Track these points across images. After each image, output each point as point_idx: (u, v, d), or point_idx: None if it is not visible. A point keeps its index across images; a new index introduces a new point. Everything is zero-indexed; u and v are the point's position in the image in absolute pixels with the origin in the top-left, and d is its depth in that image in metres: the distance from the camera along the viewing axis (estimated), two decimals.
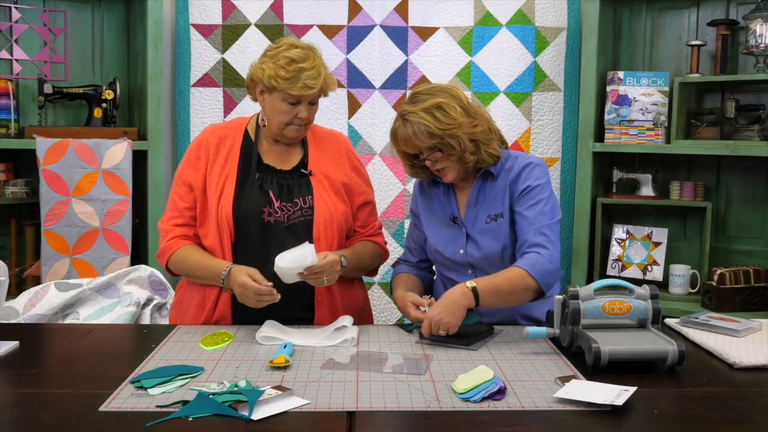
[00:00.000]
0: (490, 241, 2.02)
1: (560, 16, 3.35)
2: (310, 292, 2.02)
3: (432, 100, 1.95)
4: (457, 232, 2.07)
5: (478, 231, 2.04)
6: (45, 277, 2.99)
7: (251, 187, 2.03)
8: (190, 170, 2.08)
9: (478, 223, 2.05)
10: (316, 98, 2.03)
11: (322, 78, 1.97)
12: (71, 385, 1.52)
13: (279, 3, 3.31)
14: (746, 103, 3.13)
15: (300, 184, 2.06)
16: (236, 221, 2.00)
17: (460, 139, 1.94)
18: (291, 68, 1.94)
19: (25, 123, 3.24)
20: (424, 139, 1.94)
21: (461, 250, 2.05)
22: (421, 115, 1.93)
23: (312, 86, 1.95)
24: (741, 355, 1.70)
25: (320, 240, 2.01)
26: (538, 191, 2.00)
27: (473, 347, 1.79)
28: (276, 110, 2.00)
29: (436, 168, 2.00)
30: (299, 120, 2.00)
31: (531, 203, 1.99)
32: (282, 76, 1.94)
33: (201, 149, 2.09)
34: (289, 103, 1.98)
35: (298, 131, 2.04)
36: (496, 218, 2.03)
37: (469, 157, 1.98)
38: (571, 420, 1.37)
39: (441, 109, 1.94)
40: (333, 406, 1.41)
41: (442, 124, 1.93)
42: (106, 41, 3.42)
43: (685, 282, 3.20)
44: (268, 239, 2.00)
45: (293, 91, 1.94)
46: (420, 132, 1.94)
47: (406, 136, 1.96)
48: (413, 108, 1.96)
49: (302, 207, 2.03)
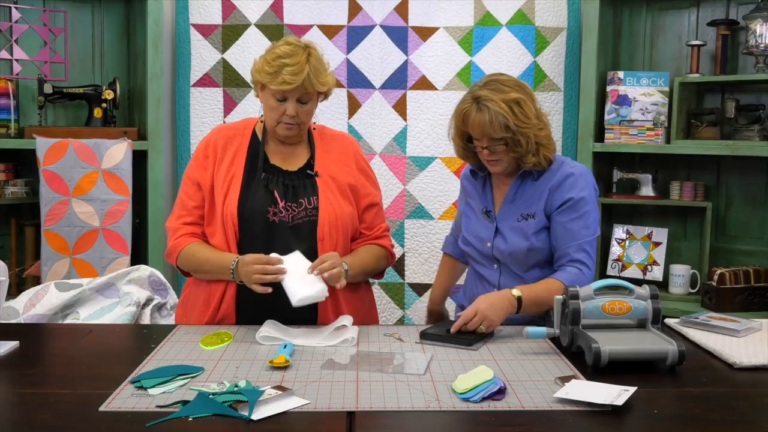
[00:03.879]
0: (518, 238, 2.04)
1: (560, 16, 3.35)
2: None
3: (513, 93, 1.97)
4: (489, 225, 2.10)
5: (508, 227, 2.06)
6: (45, 277, 2.99)
7: (257, 187, 2.03)
8: (199, 169, 2.09)
9: (509, 220, 2.07)
10: (306, 97, 2.01)
11: (304, 75, 1.95)
12: (71, 385, 1.52)
13: (279, 3, 3.31)
14: (746, 103, 3.13)
15: (306, 185, 2.06)
16: (241, 220, 2.00)
17: (529, 138, 1.97)
18: (275, 63, 1.95)
19: (25, 123, 3.24)
20: (498, 130, 1.95)
21: (488, 243, 2.08)
22: (501, 105, 1.94)
23: (290, 81, 1.94)
24: (741, 355, 1.70)
25: (324, 240, 2.01)
26: (583, 204, 2.01)
27: (473, 347, 1.79)
28: (268, 107, 2.03)
29: (491, 158, 2.02)
30: (288, 118, 2.00)
31: (575, 216, 2.00)
32: (266, 70, 1.97)
33: (209, 149, 2.10)
34: (277, 99, 1.99)
35: (289, 130, 2.03)
36: (527, 218, 2.04)
37: (530, 158, 2.00)
38: (571, 420, 1.37)
39: (519, 105, 1.96)
40: (333, 406, 1.41)
41: (519, 120, 1.95)
42: (106, 41, 3.42)
43: (685, 282, 3.20)
44: (273, 239, 2.00)
45: (273, 85, 1.96)
46: (497, 122, 1.94)
47: (481, 122, 1.96)
48: (493, 95, 1.96)
49: (307, 207, 2.03)
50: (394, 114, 3.33)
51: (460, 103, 2.05)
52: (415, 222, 3.33)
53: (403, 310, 3.34)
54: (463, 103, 2.03)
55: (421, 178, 3.33)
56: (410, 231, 3.33)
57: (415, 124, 3.33)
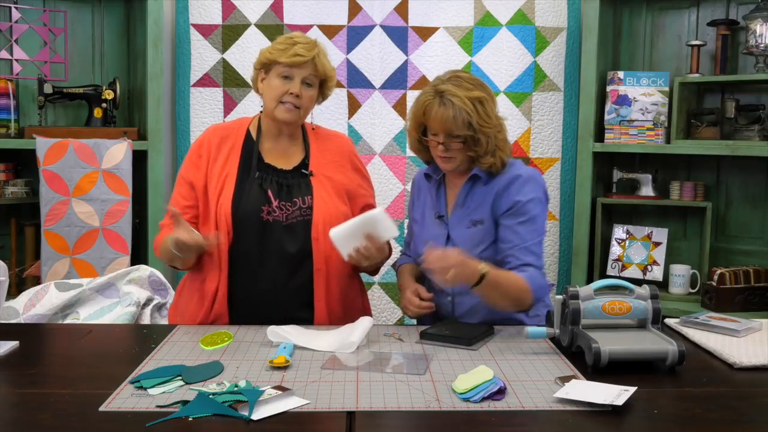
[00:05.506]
0: (470, 245, 1.99)
1: (560, 16, 3.35)
2: (309, 292, 2.03)
3: (476, 91, 1.96)
4: (441, 230, 2.07)
5: (459, 233, 2.03)
6: (45, 277, 2.99)
7: (251, 186, 2.03)
8: (192, 169, 2.09)
9: (460, 227, 2.04)
10: (312, 79, 2.03)
11: (315, 52, 2.02)
12: (71, 385, 1.52)
13: (279, 3, 3.31)
14: (746, 103, 3.13)
15: (300, 184, 2.06)
16: (235, 219, 2.00)
17: (489, 138, 1.96)
18: (286, 42, 2.03)
19: (25, 123, 3.24)
20: (460, 126, 1.93)
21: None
22: (466, 102, 1.93)
23: (303, 54, 1.98)
24: (741, 355, 1.70)
25: (319, 240, 2.01)
26: (530, 207, 1.97)
27: (473, 347, 1.79)
28: (270, 88, 2.04)
29: (445, 154, 1.99)
30: (291, 97, 2.01)
31: (521, 220, 1.97)
32: (276, 48, 2.03)
33: (203, 148, 2.10)
34: (283, 77, 2.00)
35: (290, 112, 2.03)
36: (476, 224, 2.02)
37: (488, 159, 1.98)
38: (571, 420, 1.37)
39: (482, 104, 1.95)
40: (333, 406, 1.41)
41: (481, 119, 1.94)
42: (106, 41, 3.42)
43: (685, 282, 3.20)
44: (266, 238, 2.01)
45: (285, 58, 1.98)
46: (460, 117, 1.92)
47: (444, 117, 1.93)
48: (457, 91, 1.94)
49: (301, 207, 2.03)
50: (394, 114, 3.33)
51: (421, 94, 2.01)
52: None
53: None
54: (425, 95, 1.99)
55: None
56: None
57: None
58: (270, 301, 1.99)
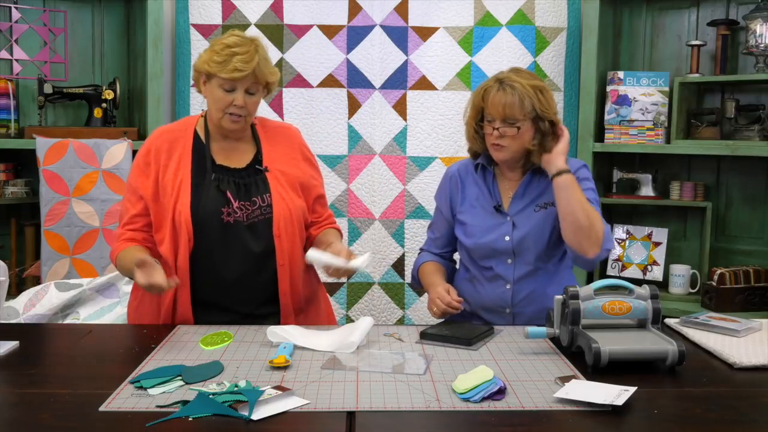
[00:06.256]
0: (539, 227, 2.08)
1: (560, 16, 3.35)
2: (273, 287, 2.04)
3: (537, 81, 2.06)
4: (501, 220, 2.12)
5: (524, 219, 2.10)
6: (45, 277, 2.99)
7: (208, 189, 2.01)
8: (141, 178, 2.04)
9: (525, 212, 2.11)
10: (254, 87, 2.00)
11: (254, 63, 1.95)
12: (71, 385, 1.52)
13: (279, 3, 3.31)
14: (746, 103, 3.13)
15: (257, 182, 2.06)
16: (195, 223, 1.98)
17: (547, 125, 2.04)
18: (224, 53, 1.95)
19: (25, 123, 3.24)
20: (519, 109, 2.01)
21: (507, 237, 2.09)
22: (527, 88, 2.01)
23: (242, 69, 1.94)
24: (741, 355, 1.70)
25: (281, 237, 2.02)
26: (584, 172, 2.12)
27: (473, 347, 1.79)
28: (213, 98, 2.00)
29: (499, 142, 2.05)
30: (235, 108, 1.99)
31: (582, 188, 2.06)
32: (215, 60, 1.95)
33: (150, 155, 2.06)
34: (225, 89, 1.97)
35: (236, 122, 2.01)
36: (546, 206, 2.10)
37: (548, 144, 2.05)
38: (571, 420, 1.37)
39: (543, 93, 2.04)
40: (333, 406, 1.41)
41: (542, 105, 2.02)
42: (106, 41, 3.42)
43: (685, 282, 3.20)
44: (229, 239, 2.01)
45: (223, 74, 1.94)
46: (525, 101, 2.00)
47: (509, 101, 2.01)
48: (519, 78, 2.03)
49: (261, 206, 2.03)
50: (394, 114, 3.33)
51: (481, 84, 2.11)
52: (415, 222, 3.33)
53: (403, 310, 3.34)
54: (486, 83, 2.09)
55: (421, 179, 3.33)
56: (410, 231, 3.33)
57: (415, 124, 3.33)
58: (236, 299, 2.00)
